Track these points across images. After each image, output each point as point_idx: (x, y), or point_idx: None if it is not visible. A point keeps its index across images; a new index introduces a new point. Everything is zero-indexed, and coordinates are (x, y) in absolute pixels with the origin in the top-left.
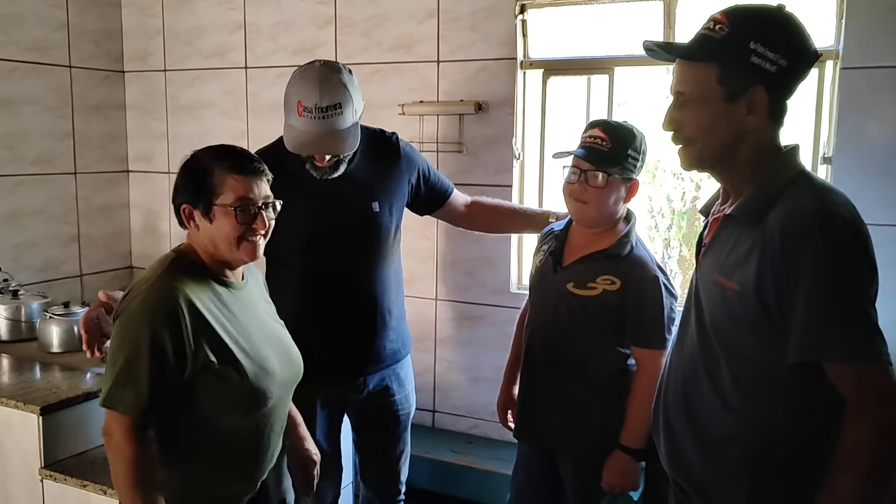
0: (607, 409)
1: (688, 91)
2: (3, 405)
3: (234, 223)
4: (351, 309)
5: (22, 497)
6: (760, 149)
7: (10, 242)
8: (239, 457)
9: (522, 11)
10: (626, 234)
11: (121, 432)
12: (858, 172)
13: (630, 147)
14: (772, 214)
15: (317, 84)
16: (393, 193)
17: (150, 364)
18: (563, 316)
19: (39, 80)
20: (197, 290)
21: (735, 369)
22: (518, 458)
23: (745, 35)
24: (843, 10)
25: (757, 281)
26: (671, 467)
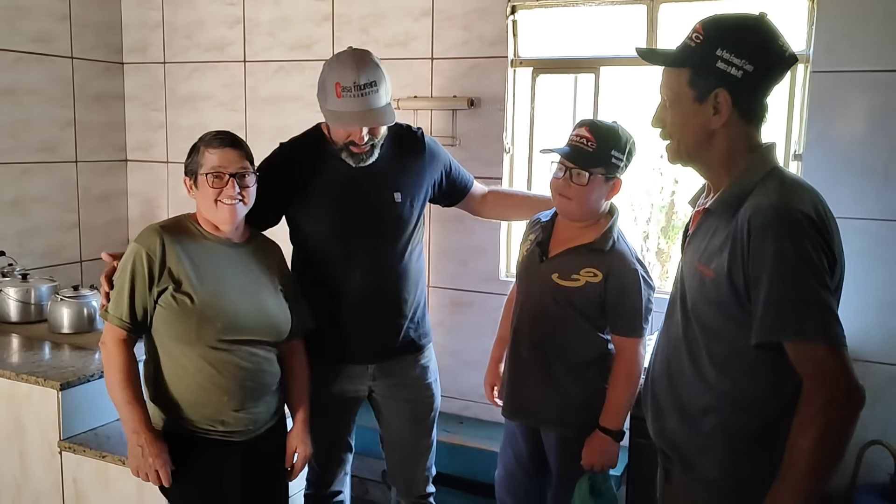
0: (589, 390)
1: (667, 93)
2: (24, 381)
3: (209, 188)
4: (368, 296)
5: (40, 468)
6: (733, 146)
7: (14, 228)
8: (197, 386)
9: (513, 12)
10: (609, 229)
11: (112, 341)
12: (827, 168)
13: (614, 148)
14: (743, 208)
15: (353, 64)
16: (415, 186)
17: (130, 281)
18: (548, 304)
19: (42, 70)
20: (179, 235)
21: (711, 348)
22: (505, 436)
23: (714, 43)
24: (814, 17)
25: (729, 269)
26: (657, 436)
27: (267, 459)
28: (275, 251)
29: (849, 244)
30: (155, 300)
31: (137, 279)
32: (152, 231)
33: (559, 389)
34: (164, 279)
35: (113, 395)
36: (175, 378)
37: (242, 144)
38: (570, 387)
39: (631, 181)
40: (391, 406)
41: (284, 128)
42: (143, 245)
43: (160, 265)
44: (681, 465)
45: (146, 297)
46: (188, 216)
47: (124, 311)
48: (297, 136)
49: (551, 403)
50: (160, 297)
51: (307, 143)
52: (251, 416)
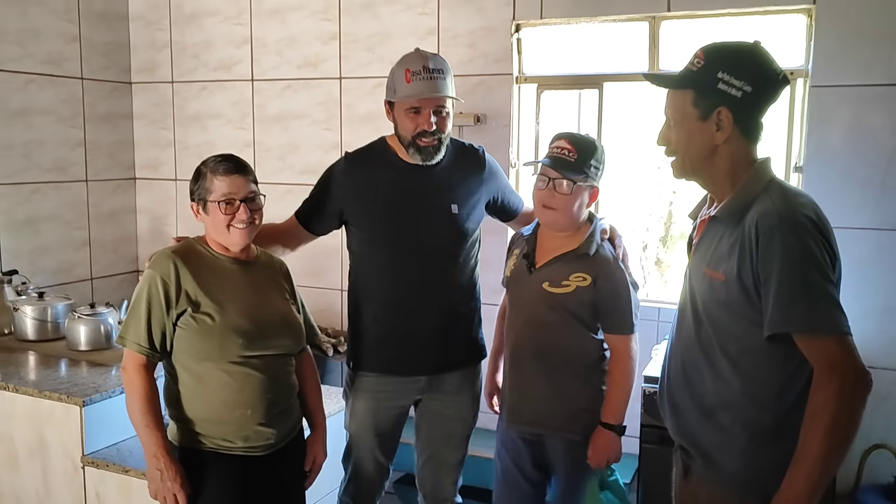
0: (593, 392)
1: (671, 113)
2: (46, 398)
3: (221, 214)
4: (422, 306)
5: (63, 484)
6: (734, 160)
7: (26, 247)
8: (220, 402)
9: (518, 30)
10: (591, 235)
11: (133, 367)
12: (826, 180)
13: (592, 157)
14: (748, 215)
15: (422, 55)
16: (472, 200)
17: (147, 307)
18: (542, 312)
19: (53, 91)
20: (192, 258)
21: (725, 346)
22: (501, 444)
23: (715, 66)
24: (812, 34)
25: (739, 270)
26: (678, 435)
27: (287, 473)
28: (281, 266)
29: (849, 253)
30: (174, 323)
31: (154, 305)
32: (165, 256)
33: (565, 395)
34: (181, 302)
35: (133, 419)
36: (197, 396)
37: (248, 168)
38: (575, 392)
39: (629, 193)
40: (433, 419)
41: (292, 145)
42: (158, 271)
43: (176, 289)
44: (702, 460)
45: (164, 322)
46: (197, 239)
47: (142, 336)
48: (362, 147)
49: (558, 411)
50: (179, 319)
51: (370, 154)
52: (273, 429)
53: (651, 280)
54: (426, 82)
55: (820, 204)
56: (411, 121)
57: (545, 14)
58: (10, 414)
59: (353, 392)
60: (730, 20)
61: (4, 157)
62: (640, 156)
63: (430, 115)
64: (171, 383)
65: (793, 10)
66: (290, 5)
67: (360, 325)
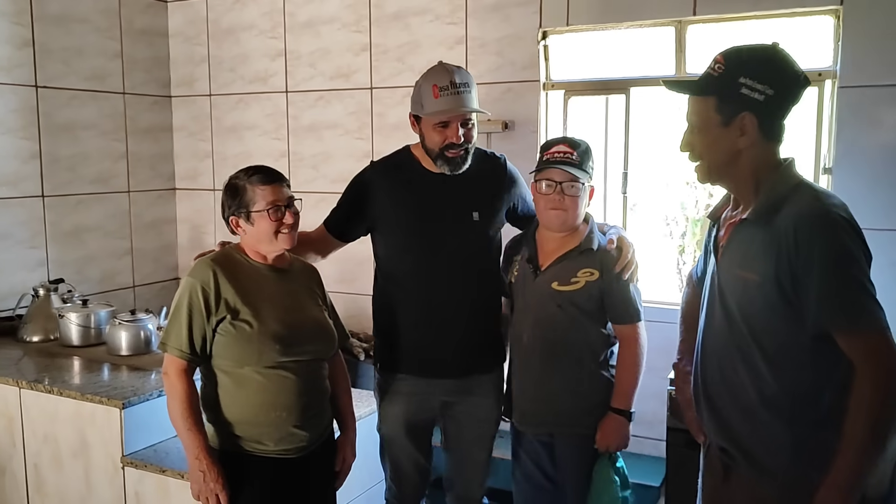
0: (602, 386)
1: (694, 120)
2: (88, 401)
3: (269, 222)
4: (444, 311)
5: (104, 484)
6: (759, 163)
7: (72, 256)
8: (257, 405)
9: (544, 37)
10: (591, 231)
11: (174, 372)
12: (856, 181)
13: (590, 158)
14: (781, 216)
15: (447, 69)
16: (493, 208)
17: (188, 314)
18: (553, 313)
19: (97, 106)
20: (230, 266)
21: (762, 346)
22: (519, 448)
23: (737, 71)
24: (840, 35)
25: (776, 270)
26: (718, 435)
27: (319, 475)
28: (314, 273)
29: (881, 255)
30: (213, 329)
31: (195, 312)
32: (205, 265)
33: (577, 392)
34: (220, 309)
35: (175, 423)
36: (234, 399)
37: (283, 176)
38: (588, 387)
39: (665, 196)
40: (462, 420)
41: (325, 154)
42: (198, 279)
43: (215, 297)
44: (745, 459)
45: (204, 328)
46: (234, 247)
47: (184, 342)
48: (387, 156)
49: (573, 408)
50: (218, 325)
51: (395, 163)
52: (306, 432)
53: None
54: (454, 97)
55: (850, 205)
56: (439, 134)
57: (571, 21)
58: (54, 416)
59: (383, 394)
60: (756, 23)
61: (51, 170)
62: (668, 160)
63: (458, 127)
64: (208, 387)
65: (820, 11)
66: (322, 18)
67: (388, 329)
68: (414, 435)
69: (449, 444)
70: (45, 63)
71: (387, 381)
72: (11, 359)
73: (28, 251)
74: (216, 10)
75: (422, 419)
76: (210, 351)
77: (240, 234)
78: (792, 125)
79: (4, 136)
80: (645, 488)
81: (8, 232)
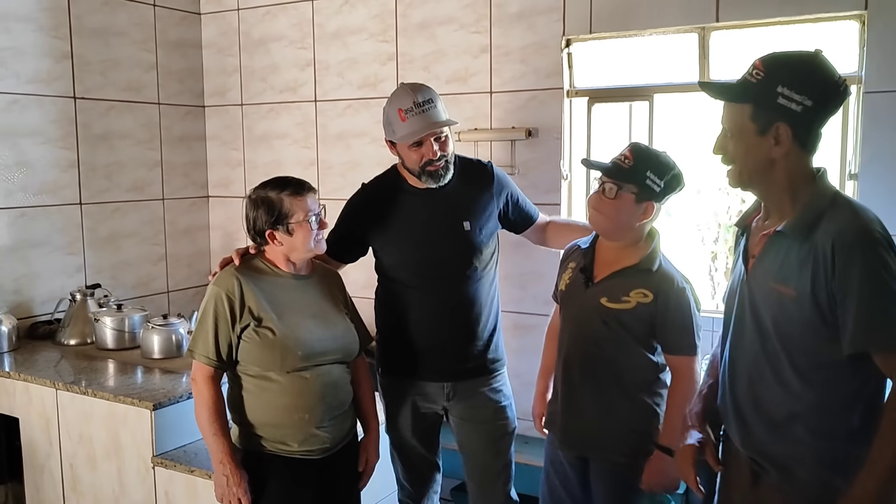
0: (643, 414)
1: (729, 125)
2: (121, 402)
3: (309, 230)
4: (440, 319)
5: (136, 483)
6: (793, 173)
7: (108, 262)
8: (280, 407)
9: (568, 45)
10: (653, 250)
11: (202, 378)
12: (883, 188)
13: (651, 170)
14: (819, 230)
15: (407, 90)
16: (483, 215)
17: (214, 322)
18: (598, 329)
19: (132, 116)
20: (254, 274)
21: (795, 361)
22: (549, 463)
23: (776, 80)
24: (865, 39)
25: (812, 287)
26: (746, 447)
27: (342, 476)
28: (336, 278)
29: None
30: (238, 336)
31: (220, 320)
32: (229, 274)
33: (614, 415)
34: (245, 317)
35: (202, 427)
36: (259, 402)
37: (309, 184)
38: (625, 412)
39: (697, 202)
40: (466, 428)
41: (353, 162)
42: (223, 287)
43: (240, 305)
44: (777, 472)
45: (230, 335)
46: (260, 257)
47: (210, 349)
48: (377, 177)
49: (607, 430)
50: (243, 332)
51: (386, 183)
52: (329, 433)
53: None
54: (420, 116)
55: (876, 212)
56: (416, 153)
57: (595, 29)
58: (89, 417)
59: (385, 396)
60: (780, 28)
61: (89, 178)
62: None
63: (432, 143)
64: (235, 390)
65: (844, 16)
66: (350, 29)
67: (388, 334)
68: (421, 436)
69: (462, 450)
70: (83, 75)
71: (390, 384)
72: (49, 361)
73: (66, 257)
74: (247, 22)
75: (424, 417)
76: (236, 357)
77: (275, 246)
78: None
79: (44, 145)
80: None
81: (47, 238)
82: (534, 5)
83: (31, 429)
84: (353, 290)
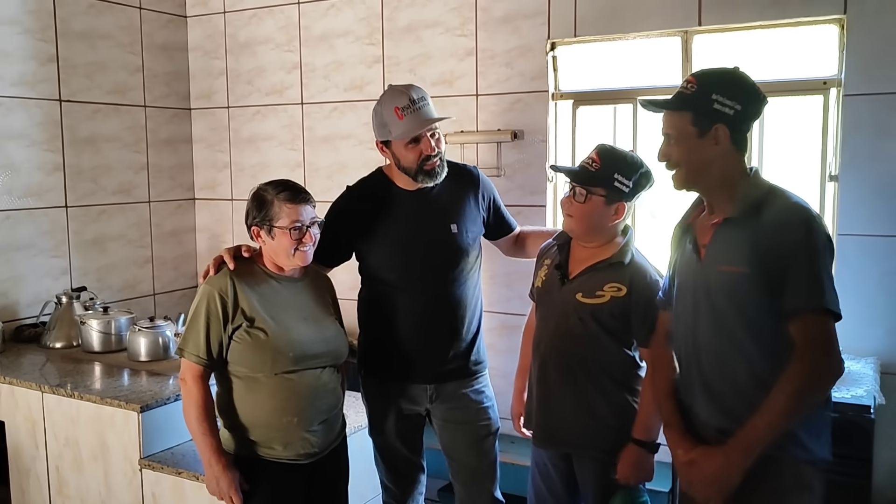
0: (620, 409)
1: (672, 132)
2: (108, 405)
3: (289, 240)
4: (424, 321)
5: (123, 485)
6: (730, 170)
7: (94, 265)
8: (270, 410)
9: (553, 48)
10: (625, 244)
11: (191, 377)
12: (862, 189)
13: (618, 172)
14: (763, 214)
15: (401, 89)
16: (469, 217)
17: (206, 320)
18: (574, 324)
19: (119, 119)
20: (247, 275)
21: (750, 331)
22: (534, 465)
23: (709, 89)
24: (845, 43)
25: (763, 262)
26: (719, 419)
27: (330, 480)
28: (326, 281)
29: (888, 262)
30: (230, 336)
31: (212, 319)
32: (222, 273)
33: (590, 411)
34: (237, 317)
35: (190, 427)
36: (248, 405)
37: (310, 196)
38: (601, 408)
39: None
40: (450, 429)
41: (340, 164)
42: (216, 287)
43: (233, 305)
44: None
45: (221, 335)
46: (254, 257)
47: (201, 348)
48: (362, 180)
49: (583, 427)
50: (234, 333)
51: (372, 185)
52: (317, 437)
53: None
54: (417, 113)
55: (856, 213)
56: (413, 151)
57: (579, 32)
58: (75, 420)
59: (368, 398)
60: (761, 32)
61: (75, 181)
62: None
63: (429, 139)
64: (223, 392)
65: (824, 20)
66: (336, 32)
67: (372, 336)
68: (404, 438)
69: (446, 452)
70: (69, 78)
71: (373, 387)
72: (35, 364)
73: (52, 260)
74: (234, 25)
75: (410, 422)
76: (225, 357)
77: (259, 244)
78: (797, 134)
79: (30, 148)
80: (653, 494)
81: (33, 241)
82: (519, 9)
83: (17, 432)
84: (340, 292)
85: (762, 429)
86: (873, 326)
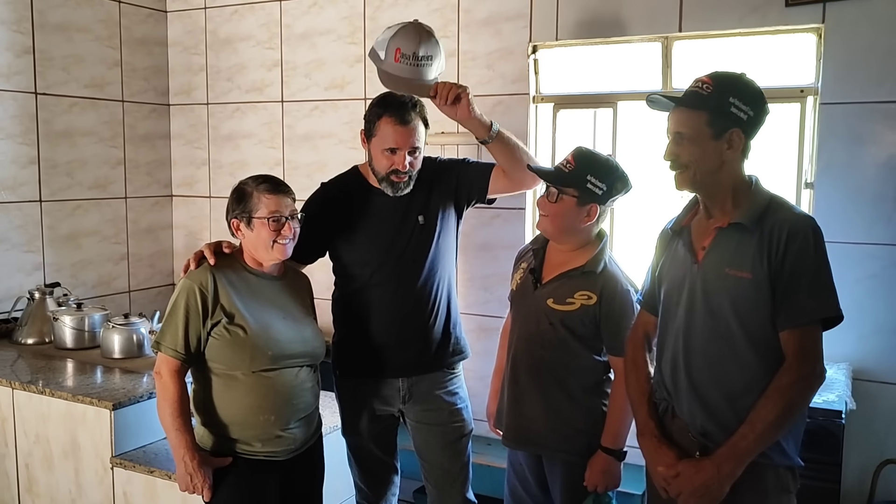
0: (589, 414)
1: (684, 131)
2: (80, 402)
3: (268, 231)
4: (396, 315)
5: (94, 483)
6: (736, 176)
7: (68, 261)
8: (246, 408)
9: (534, 51)
10: (599, 252)
11: (167, 372)
12: (837, 196)
13: (592, 174)
14: (768, 221)
15: (418, 37)
16: (437, 207)
17: (185, 315)
18: (544, 329)
19: (96, 113)
20: (228, 272)
21: (750, 337)
22: (509, 465)
23: (726, 92)
24: (822, 52)
25: (768, 269)
26: (704, 420)
27: (305, 478)
28: (305, 280)
29: (862, 269)
30: (208, 332)
31: (192, 313)
32: (203, 268)
33: (559, 415)
34: (217, 313)
35: (164, 422)
36: (225, 402)
37: (290, 188)
38: (569, 412)
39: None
40: (423, 431)
41: (320, 163)
42: (196, 281)
43: (213, 300)
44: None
45: (200, 330)
46: (235, 253)
47: (179, 343)
48: (337, 177)
49: (552, 430)
50: (213, 328)
51: (345, 183)
52: (293, 435)
53: None
54: (411, 69)
55: (831, 220)
56: (387, 159)
57: (560, 36)
58: (46, 417)
59: (341, 399)
60: (740, 40)
61: (49, 175)
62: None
63: (405, 156)
64: (199, 389)
65: (802, 29)
66: (318, 30)
67: (346, 334)
68: (377, 439)
69: (419, 453)
70: (45, 70)
71: (346, 387)
72: (6, 360)
73: (25, 255)
74: (214, 21)
75: (383, 423)
76: (203, 352)
77: (239, 238)
78: (774, 141)
79: (3, 141)
80: (626, 496)
81: (5, 236)
82: (501, 12)
83: None
84: (316, 292)
85: (752, 439)
86: (845, 332)
